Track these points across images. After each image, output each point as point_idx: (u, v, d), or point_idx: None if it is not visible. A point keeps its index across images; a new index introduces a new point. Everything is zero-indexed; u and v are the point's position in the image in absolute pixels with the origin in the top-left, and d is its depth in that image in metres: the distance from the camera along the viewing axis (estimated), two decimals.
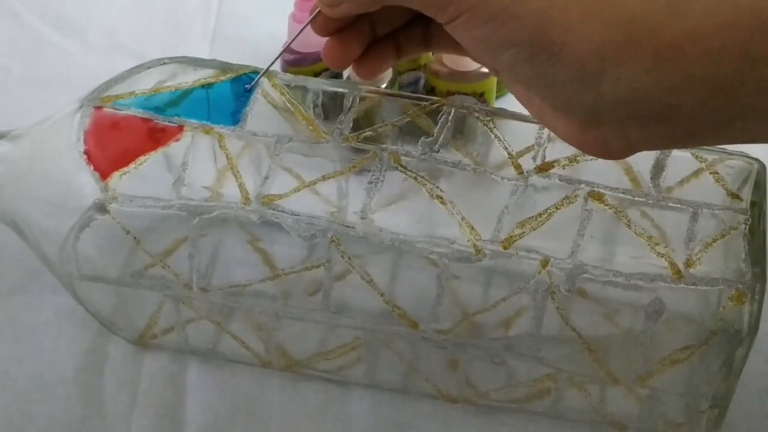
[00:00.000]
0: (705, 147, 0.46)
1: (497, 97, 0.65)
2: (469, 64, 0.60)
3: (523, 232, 0.43)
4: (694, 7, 0.32)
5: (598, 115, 0.34)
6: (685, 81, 0.32)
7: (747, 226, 0.43)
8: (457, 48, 0.39)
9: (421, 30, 0.42)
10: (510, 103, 0.44)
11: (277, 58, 0.46)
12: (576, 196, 0.44)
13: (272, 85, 0.48)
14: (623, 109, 0.34)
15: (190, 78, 0.48)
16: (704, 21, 0.32)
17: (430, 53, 0.42)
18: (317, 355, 0.50)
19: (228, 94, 0.47)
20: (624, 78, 0.33)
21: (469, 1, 0.35)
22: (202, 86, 0.48)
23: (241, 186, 0.45)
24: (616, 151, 0.36)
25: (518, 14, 0.33)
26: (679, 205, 0.44)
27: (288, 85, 0.48)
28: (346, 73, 0.60)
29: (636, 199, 0.44)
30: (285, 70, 0.62)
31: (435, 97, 0.48)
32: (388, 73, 0.60)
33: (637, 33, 0.32)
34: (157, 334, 0.52)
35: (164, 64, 0.49)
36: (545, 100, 0.36)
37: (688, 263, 0.43)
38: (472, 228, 0.43)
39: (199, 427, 0.50)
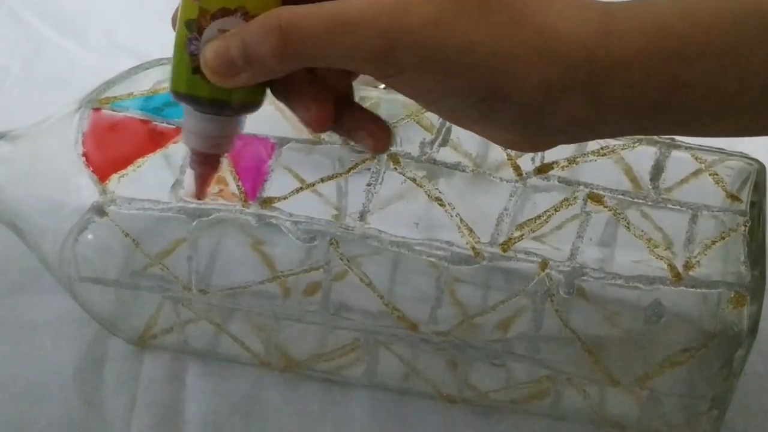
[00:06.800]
0: (703, 147, 0.46)
1: None
2: None
3: (522, 235, 0.43)
4: (624, 28, 0.33)
5: (537, 138, 0.36)
6: (615, 105, 0.33)
7: (746, 228, 0.43)
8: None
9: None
10: None
11: None
12: (575, 198, 0.44)
13: None
14: (561, 133, 0.35)
15: None
16: (633, 46, 0.32)
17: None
18: (317, 356, 0.50)
19: None
20: (562, 109, 0.33)
21: (411, 59, 0.32)
22: None
23: (239, 188, 0.45)
24: (543, 148, 0.40)
25: (467, 67, 0.32)
26: (679, 207, 0.44)
27: None
28: None
29: (635, 200, 0.44)
30: None
31: None
32: None
33: (573, 65, 0.33)
34: (157, 335, 0.51)
35: (163, 64, 0.49)
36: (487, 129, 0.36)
37: (688, 265, 0.42)
38: (471, 230, 0.43)
39: (199, 427, 0.50)
